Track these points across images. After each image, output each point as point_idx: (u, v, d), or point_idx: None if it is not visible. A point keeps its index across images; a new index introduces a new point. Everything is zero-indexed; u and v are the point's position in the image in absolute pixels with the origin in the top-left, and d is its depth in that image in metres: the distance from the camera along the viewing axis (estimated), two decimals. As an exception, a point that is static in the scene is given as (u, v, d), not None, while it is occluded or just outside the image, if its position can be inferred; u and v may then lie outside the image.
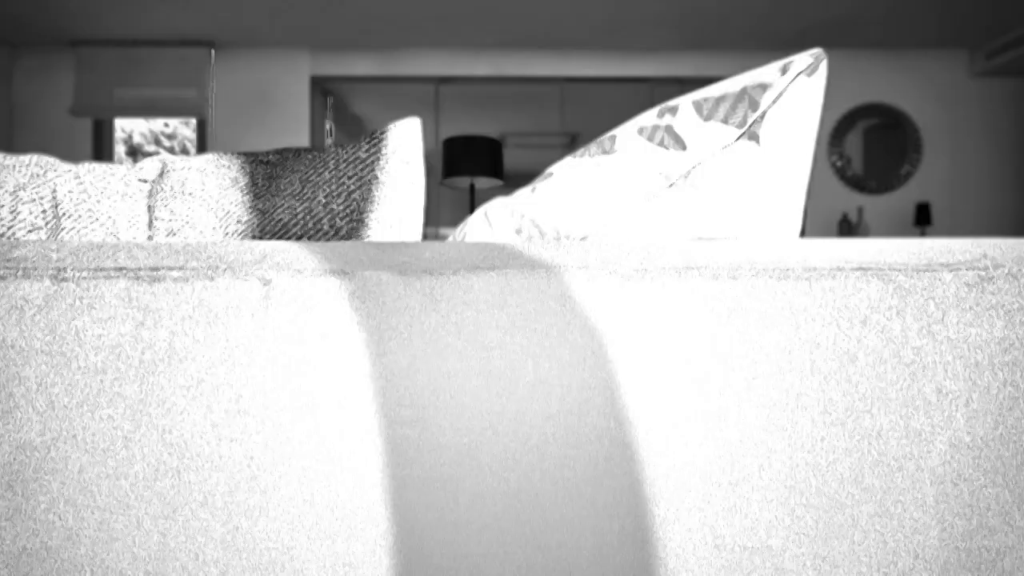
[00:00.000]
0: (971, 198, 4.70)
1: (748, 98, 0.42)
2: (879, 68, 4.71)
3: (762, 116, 0.42)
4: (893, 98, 4.71)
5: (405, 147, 0.55)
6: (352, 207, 0.53)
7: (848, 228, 4.43)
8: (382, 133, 0.55)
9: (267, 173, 0.53)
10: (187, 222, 0.50)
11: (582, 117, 5.66)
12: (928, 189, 4.70)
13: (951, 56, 4.69)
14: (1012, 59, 4.35)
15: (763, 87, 0.42)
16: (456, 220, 6.73)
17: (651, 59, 4.70)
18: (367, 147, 0.54)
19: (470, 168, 3.59)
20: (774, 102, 0.41)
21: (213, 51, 4.52)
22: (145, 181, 0.52)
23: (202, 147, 4.60)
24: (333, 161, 0.53)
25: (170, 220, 0.51)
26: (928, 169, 4.69)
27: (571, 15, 4.10)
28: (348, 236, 0.53)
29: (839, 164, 4.65)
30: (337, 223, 0.52)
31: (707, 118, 0.44)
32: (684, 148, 0.44)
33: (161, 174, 0.52)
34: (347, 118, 5.47)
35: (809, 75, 0.40)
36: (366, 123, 5.84)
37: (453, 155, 3.63)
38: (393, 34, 4.38)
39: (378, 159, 0.54)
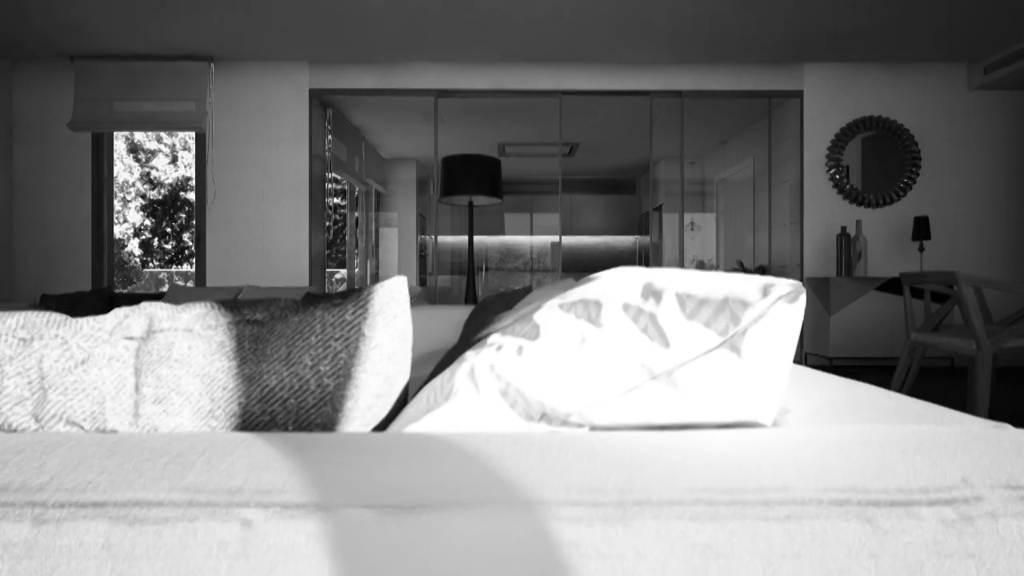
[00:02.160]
0: (970, 211, 4.69)
1: (729, 310, 0.42)
2: (878, 81, 4.70)
3: (743, 332, 0.42)
4: (891, 111, 4.70)
5: (391, 305, 0.55)
6: (339, 365, 0.53)
7: (846, 242, 4.43)
8: (369, 294, 0.55)
9: (254, 335, 0.53)
10: (173, 389, 0.51)
11: (581, 128, 5.65)
12: (927, 202, 4.69)
13: (949, 70, 4.68)
14: (1010, 73, 4.34)
15: (744, 304, 0.42)
16: (455, 229, 6.72)
17: (650, 72, 4.69)
18: (353, 308, 0.54)
19: (469, 187, 3.58)
20: (755, 321, 0.41)
21: (212, 65, 4.51)
22: (132, 339, 0.52)
23: (201, 158, 4.59)
24: (320, 325, 0.54)
25: (156, 387, 0.51)
26: (926, 182, 4.69)
27: (570, 30, 4.09)
28: (335, 392, 0.53)
29: (837, 177, 4.65)
30: (324, 382, 0.53)
31: (690, 317, 0.44)
32: (667, 345, 0.44)
33: (148, 333, 0.53)
34: (347, 129, 5.46)
35: (789, 302, 0.40)
36: (366, 134, 5.83)
37: (452, 173, 3.62)
38: (392, 49, 4.37)
39: (365, 318, 0.54)
